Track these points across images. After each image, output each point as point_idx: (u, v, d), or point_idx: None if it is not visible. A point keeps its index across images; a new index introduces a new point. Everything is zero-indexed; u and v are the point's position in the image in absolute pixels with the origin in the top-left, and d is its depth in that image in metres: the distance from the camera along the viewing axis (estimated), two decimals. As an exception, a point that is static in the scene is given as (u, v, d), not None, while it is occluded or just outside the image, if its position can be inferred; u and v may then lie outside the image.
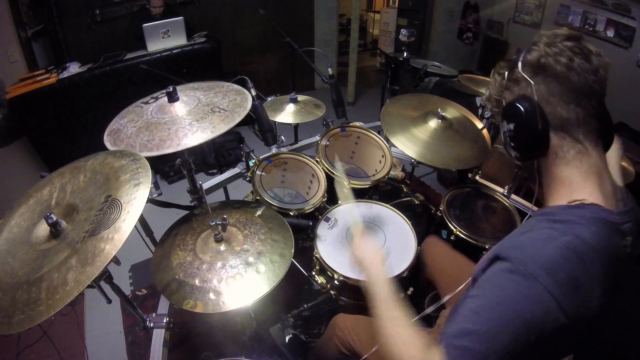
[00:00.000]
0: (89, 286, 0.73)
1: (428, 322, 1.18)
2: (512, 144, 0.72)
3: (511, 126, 0.70)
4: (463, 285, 0.94)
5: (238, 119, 1.06)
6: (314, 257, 1.36)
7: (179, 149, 0.98)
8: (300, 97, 1.88)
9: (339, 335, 1.15)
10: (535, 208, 1.03)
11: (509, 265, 0.59)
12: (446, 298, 1.00)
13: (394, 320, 0.72)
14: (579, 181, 0.67)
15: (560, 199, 0.69)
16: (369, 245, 0.94)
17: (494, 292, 0.59)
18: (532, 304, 0.55)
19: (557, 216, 0.65)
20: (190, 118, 1.08)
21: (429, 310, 1.00)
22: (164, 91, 1.13)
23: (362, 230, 0.99)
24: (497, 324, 0.56)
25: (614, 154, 0.90)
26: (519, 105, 0.68)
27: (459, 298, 0.66)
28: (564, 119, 0.66)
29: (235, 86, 1.25)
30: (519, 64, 0.69)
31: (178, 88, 1.16)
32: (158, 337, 1.14)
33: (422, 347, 0.62)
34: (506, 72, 0.73)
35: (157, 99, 1.20)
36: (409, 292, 1.30)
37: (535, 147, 0.69)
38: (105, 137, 1.07)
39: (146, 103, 1.20)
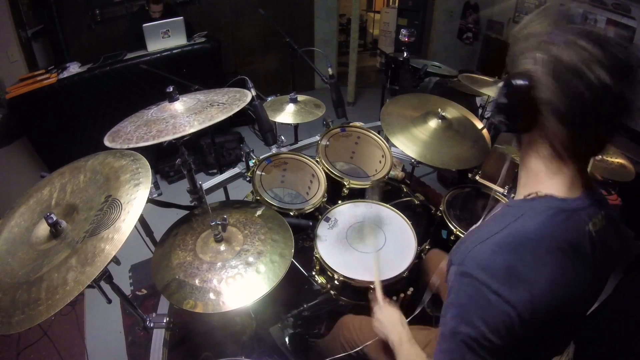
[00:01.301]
0: (89, 286, 0.73)
1: (430, 322, 1.19)
2: (497, 110, 0.68)
3: (503, 99, 0.66)
4: None
5: (236, 109, 1.05)
6: (314, 257, 1.36)
7: (176, 136, 0.97)
8: (300, 97, 1.88)
9: (345, 336, 1.16)
10: None
11: (454, 268, 0.65)
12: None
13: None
14: (542, 176, 0.68)
15: (521, 192, 0.71)
16: (388, 310, 1.04)
17: (450, 295, 0.65)
18: (477, 300, 0.60)
19: (510, 210, 0.67)
20: (189, 113, 1.07)
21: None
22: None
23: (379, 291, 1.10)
24: (459, 322, 0.61)
25: None
26: (519, 94, 0.63)
27: None
28: (548, 130, 0.64)
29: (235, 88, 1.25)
30: (553, 53, 0.60)
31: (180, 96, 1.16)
32: (158, 337, 1.14)
33: None
34: (538, 39, 0.64)
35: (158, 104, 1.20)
36: (409, 292, 1.30)
37: (516, 122, 0.67)
38: (105, 138, 1.07)
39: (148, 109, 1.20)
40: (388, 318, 1.01)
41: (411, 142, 1.51)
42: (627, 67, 0.59)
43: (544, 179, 0.68)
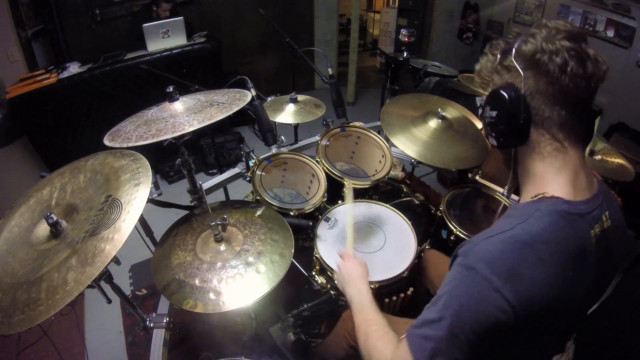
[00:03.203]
0: (89, 286, 0.73)
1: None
2: (491, 131, 0.73)
3: (493, 113, 0.71)
4: None
5: (236, 109, 1.05)
6: (314, 257, 1.36)
7: (175, 135, 0.97)
8: (300, 97, 1.88)
9: (348, 330, 1.16)
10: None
11: (459, 259, 0.65)
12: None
13: (368, 323, 0.81)
14: (549, 177, 0.68)
15: (527, 194, 0.71)
16: (351, 264, 1.03)
17: (449, 285, 0.65)
18: (475, 293, 0.60)
19: (517, 211, 0.68)
20: (189, 112, 1.07)
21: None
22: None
23: (351, 249, 1.09)
24: (452, 311, 0.61)
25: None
26: (505, 94, 0.67)
27: None
28: (545, 117, 0.66)
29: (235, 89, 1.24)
30: (513, 52, 0.68)
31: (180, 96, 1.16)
32: (158, 337, 1.14)
33: (393, 344, 0.69)
34: (499, 56, 0.72)
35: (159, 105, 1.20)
36: (409, 292, 1.30)
37: (513, 137, 0.70)
38: (105, 137, 1.07)
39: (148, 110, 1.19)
40: (350, 271, 1.00)
41: (411, 142, 1.51)
42: (578, 32, 0.65)
43: (550, 180, 0.68)
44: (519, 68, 0.66)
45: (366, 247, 1.34)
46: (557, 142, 0.67)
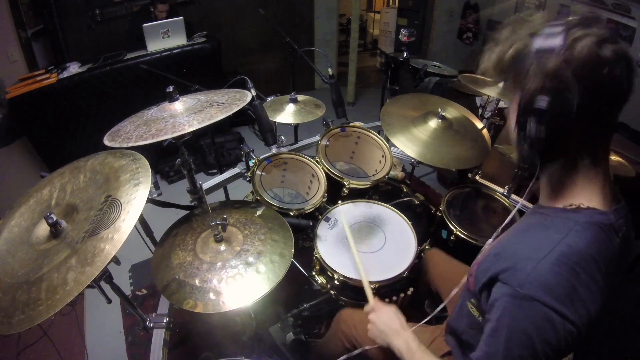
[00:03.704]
0: (89, 286, 0.73)
1: (429, 321, 1.18)
2: (531, 147, 0.64)
3: (542, 129, 0.60)
4: (459, 287, 0.95)
5: (236, 109, 1.05)
6: (314, 257, 1.36)
7: (175, 135, 0.97)
8: (300, 97, 1.88)
9: (343, 330, 1.15)
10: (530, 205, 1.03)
11: (509, 290, 0.62)
12: (446, 301, 1.02)
13: None
14: (582, 185, 0.67)
15: (558, 202, 0.69)
16: (385, 315, 0.95)
17: (503, 316, 0.62)
18: (542, 323, 0.59)
19: (553, 221, 0.66)
20: (189, 112, 1.07)
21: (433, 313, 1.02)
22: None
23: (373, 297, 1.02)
24: (510, 345, 0.61)
25: None
26: (558, 109, 0.58)
27: (460, 295, 0.67)
28: (591, 132, 0.63)
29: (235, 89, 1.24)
30: (562, 58, 0.57)
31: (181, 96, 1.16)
32: (158, 337, 1.14)
33: None
34: (533, 52, 0.60)
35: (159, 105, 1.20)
36: (409, 292, 1.30)
37: (553, 153, 0.65)
38: (105, 137, 1.07)
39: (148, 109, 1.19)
40: (387, 323, 0.92)
41: (411, 142, 1.51)
42: (615, 34, 0.61)
43: (583, 189, 0.67)
44: (571, 77, 0.56)
45: (366, 247, 1.34)
46: (594, 155, 0.65)
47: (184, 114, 1.06)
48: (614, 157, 1.83)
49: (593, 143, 0.65)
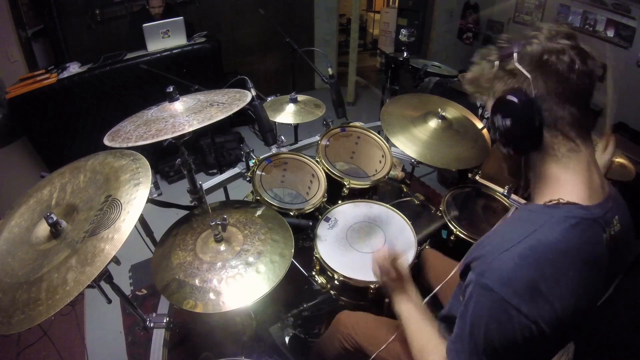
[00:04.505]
0: (89, 286, 0.73)
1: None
2: (506, 140, 0.71)
3: (507, 121, 0.68)
4: (451, 274, 0.96)
5: (236, 109, 1.05)
6: (314, 257, 1.36)
7: (175, 135, 0.97)
8: (300, 97, 1.88)
9: (342, 332, 1.15)
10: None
11: (475, 277, 0.65)
12: (437, 289, 1.02)
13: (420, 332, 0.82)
14: (564, 178, 0.68)
15: (541, 198, 0.70)
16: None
17: (469, 301, 0.65)
18: (497, 314, 0.60)
19: (530, 216, 0.67)
20: (189, 112, 1.07)
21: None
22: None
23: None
24: (474, 329, 0.63)
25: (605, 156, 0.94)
26: (515, 99, 0.66)
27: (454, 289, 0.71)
28: (558, 117, 0.66)
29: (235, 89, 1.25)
30: (515, 56, 0.67)
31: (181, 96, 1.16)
32: (158, 337, 1.14)
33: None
34: (497, 62, 0.71)
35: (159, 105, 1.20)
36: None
37: (528, 143, 0.69)
38: (105, 137, 1.07)
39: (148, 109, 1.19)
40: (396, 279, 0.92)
41: (411, 142, 1.51)
42: (571, 32, 0.67)
43: (566, 181, 0.68)
44: (525, 71, 0.65)
45: (366, 247, 1.34)
46: (571, 142, 0.67)
47: (184, 114, 1.06)
48: (615, 159, 1.83)
49: (565, 130, 0.66)
